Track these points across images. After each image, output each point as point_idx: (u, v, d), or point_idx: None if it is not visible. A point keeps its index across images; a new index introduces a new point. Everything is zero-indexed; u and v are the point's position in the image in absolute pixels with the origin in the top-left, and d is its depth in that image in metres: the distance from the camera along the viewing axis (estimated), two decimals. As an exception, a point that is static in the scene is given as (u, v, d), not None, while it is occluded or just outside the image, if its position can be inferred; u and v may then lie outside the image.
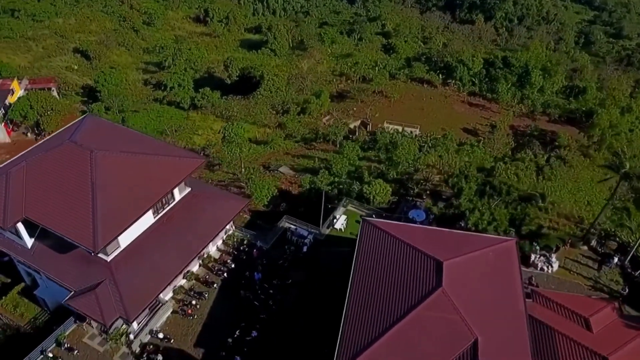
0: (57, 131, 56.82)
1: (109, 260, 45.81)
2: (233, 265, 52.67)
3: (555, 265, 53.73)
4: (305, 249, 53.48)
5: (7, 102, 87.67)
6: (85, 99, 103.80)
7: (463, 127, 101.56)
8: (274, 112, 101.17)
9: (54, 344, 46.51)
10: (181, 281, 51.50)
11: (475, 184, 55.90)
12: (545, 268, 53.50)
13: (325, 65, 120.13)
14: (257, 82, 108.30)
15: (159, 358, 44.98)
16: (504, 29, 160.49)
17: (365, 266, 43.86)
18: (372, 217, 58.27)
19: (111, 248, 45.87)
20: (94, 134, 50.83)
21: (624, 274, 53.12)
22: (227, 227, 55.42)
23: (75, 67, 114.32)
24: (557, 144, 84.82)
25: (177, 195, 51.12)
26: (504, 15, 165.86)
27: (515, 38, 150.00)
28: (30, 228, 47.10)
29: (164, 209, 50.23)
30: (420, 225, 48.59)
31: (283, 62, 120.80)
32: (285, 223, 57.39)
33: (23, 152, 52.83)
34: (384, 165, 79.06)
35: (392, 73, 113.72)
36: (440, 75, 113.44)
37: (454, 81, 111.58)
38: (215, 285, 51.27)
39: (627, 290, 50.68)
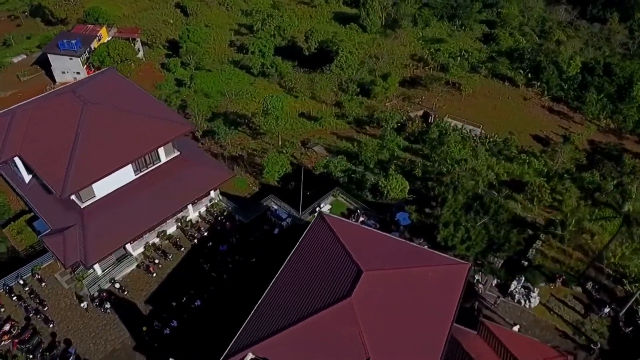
0: (83, 78, 61.04)
1: (82, 207, 49.19)
2: (205, 234, 54.06)
3: (535, 301, 48.90)
4: (277, 230, 53.33)
5: (92, 46, 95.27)
6: (170, 52, 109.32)
7: (534, 133, 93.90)
8: (337, 89, 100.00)
9: (30, 273, 51.14)
10: (154, 239, 53.86)
11: (465, 197, 51.77)
12: (523, 301, 48.92)
13: (407, 49, 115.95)
14: (333, 57, 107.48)
15: (106, 305, 47.84)
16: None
17: (299, 259, 43.11)
18: (357, 212, 56.73)
19: (86, 196, 49.14)
20: (102, 88, 54.23)
21: (613, 326, 47.01)
22: (213, 195, 56.76)
23: (171, 21, 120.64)
24: (621, 169, 75.63)
25: (163, 157, 53.16)
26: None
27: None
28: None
29: (147, 167, 52.56)
30: (374, 230, 46.26)
31: (367, 40, 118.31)
32: (270, 202, 57.48)
33: (46, 93, 57.64)
34: (425, 161, 76.02)
35: (474, 65, 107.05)
36: (527, 74, 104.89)
37: (539, 83, 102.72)
38: (182, 249, 53.10)
39: (599, 345, 44.85)
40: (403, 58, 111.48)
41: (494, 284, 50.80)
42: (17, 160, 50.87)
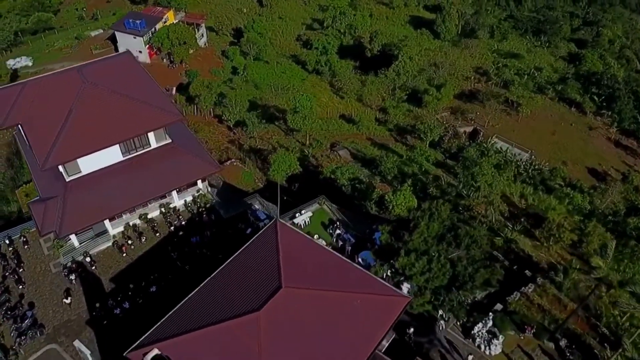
0: (103, 57, 64.08)
1: (67, 181, 51.63)
2: (183, 223, 54.96)
3: (497, 349, 44.82)
4: (249, 230, 53.05)
5: (156, 27, 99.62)
6: (235, 40, 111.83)
7: (591, 166, 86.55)
8: (386, 94, 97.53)
9: (18, 234, 54.69)
10: (136, 221, 55.55)
11: (440, 225, 48.28)
12: (483, 347, 45.14)
13: (474, 60, 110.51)
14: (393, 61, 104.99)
15: (71, 277, 50.14)
16: None
17: (236, 262, 42.43)
18: (337, 224, 55.14)
19: (72, 170, 51.55)
20: (109, 70, 56.51)
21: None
22: (200, 186, 57.55)
23: (245, 10, 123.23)
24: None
25: (154, 142, 54.46)
26: None
27: None
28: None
29: (136, 151, 54.08)
30: (327, 249, 44.07)
31: (435, 47, 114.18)
32: (255, 201, 57.26)
33: (55, 71, 61.25)
34: (453, 179, 72.58)
35: (541, 85, 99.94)
36: (600, 102, 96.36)
37: (610, 112, 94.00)
38: (158, 234, 54.28)
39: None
40: (466, 70, 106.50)
41: (458, 323, 47.43)
42: (20, 128, 54.42)
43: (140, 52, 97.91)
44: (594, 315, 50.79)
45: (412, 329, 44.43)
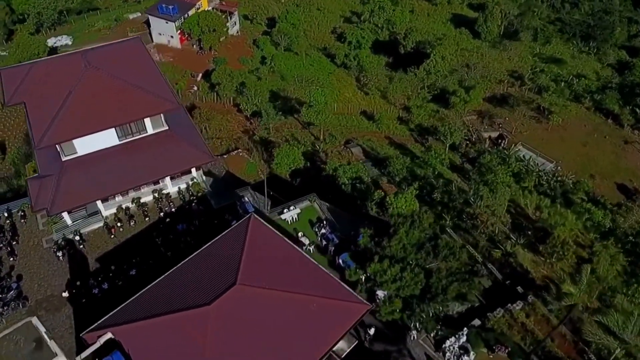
0: (110, 42, 65.28)
1: (63, 160, 53.09)
2: (173, 210, 55.56)
3: (466, 366, 43.37)
4: (234, 222, 52.91)
5: (189, 14, 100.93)
6: (269, 30, 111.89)
7: (621, 182, 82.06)
8: (411, 93, 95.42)
9: (18, 208, 56.73)
10: (128, 204, 56.56)
11: (421, 234, 46.58)
12: (452, 362, 43.67)
13: (511, 63, 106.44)
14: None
15: (59, 253, 51.64)
16: None
17: (205, 253, 42.50)
18: (323, 222, 54.40)
19: (68, 150, 52.87)
20: (115, 55, 57.51)
21: None
22: (194, 174, 57.99)
23: (282, 0, 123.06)
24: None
25: (150, 129, 55.15)
26: None
27: None
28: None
29: (132, 136, 54.90)
30: (297, 249, 43.15)
31: (472, 47, 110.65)
32: (246, 193, 57.12)
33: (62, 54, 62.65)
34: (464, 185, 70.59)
35: (579, 94, 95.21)
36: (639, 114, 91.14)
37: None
38: (148, 219, 55.10)
39: None
40: (501, 73, 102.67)
41: (431, 335, 45.97)
42: (25, 106, 56.18)
43: (171, 37, 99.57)
44: (583, 340, 48.19)
45: (372, 330, 43.45)
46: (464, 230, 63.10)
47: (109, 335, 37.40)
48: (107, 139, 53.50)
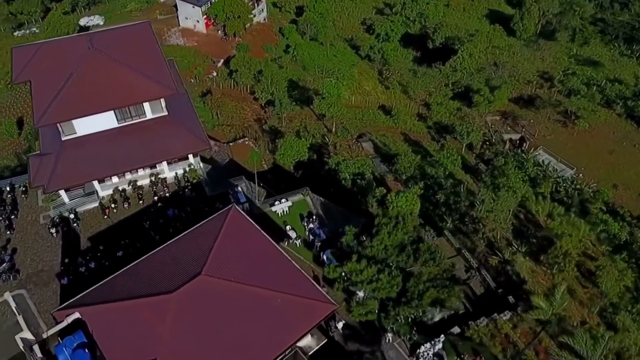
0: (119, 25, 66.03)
1: (62, 140, 54.21)
2: (167, 195, 56.05)
3: (439, 375, 42.36)
4: (225, 211, 52.98)
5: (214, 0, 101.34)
6: (297, 18, 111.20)
7: (646, 194, 78.36)
8: (435, 90, 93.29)
9: (20, 183, 58.35)
10: (125, 186, 57.40)
11: (404, 236, 45.30)
12: (426, 370, 42.71)
13: (543, 64, 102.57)
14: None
15: (52, 230, 52.92)
16: None
17: (181, 240, 42.71)
18: (313, 217, 53.92)
19: (67, 130, 53.86)
20: (121, 39, 58.16)
21: None
22: (192, 161, 58.32)
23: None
24: None
25: (149, 113, 55.59)
26: None
27: None
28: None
29: (132, 119, 55.48)
30: (269, 240, 42.72)
31: (504, 45, 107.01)
32: (241, 182, 57.06)
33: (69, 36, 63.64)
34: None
35: (611, 99, 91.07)
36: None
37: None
38: (142, 202, 55.77)
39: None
40: (530, 73, 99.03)
41: (407, 339, 45.08)
42: (30, 85, 57.48)
43: (197, 21, 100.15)
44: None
45: (340, 324, 42.92)
46: (464, 234, 61.55)
47: (76, 315, 38.06)
48: (106, 121, 54.17)
